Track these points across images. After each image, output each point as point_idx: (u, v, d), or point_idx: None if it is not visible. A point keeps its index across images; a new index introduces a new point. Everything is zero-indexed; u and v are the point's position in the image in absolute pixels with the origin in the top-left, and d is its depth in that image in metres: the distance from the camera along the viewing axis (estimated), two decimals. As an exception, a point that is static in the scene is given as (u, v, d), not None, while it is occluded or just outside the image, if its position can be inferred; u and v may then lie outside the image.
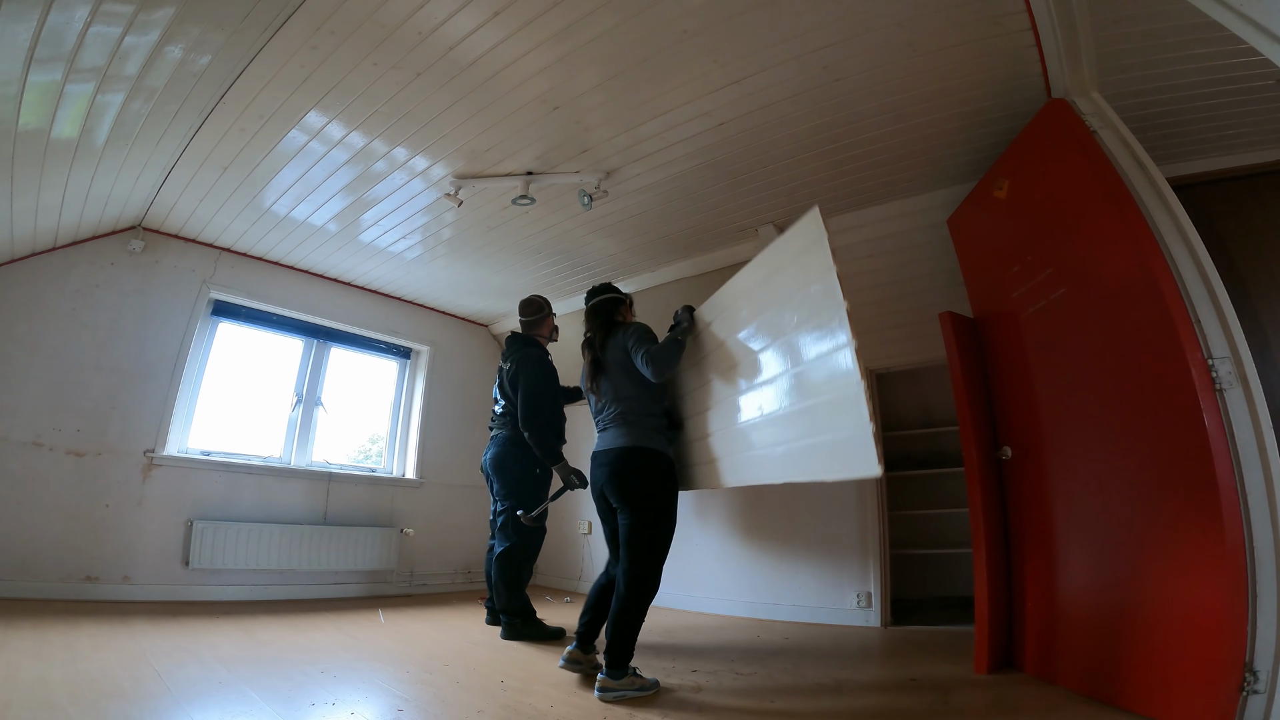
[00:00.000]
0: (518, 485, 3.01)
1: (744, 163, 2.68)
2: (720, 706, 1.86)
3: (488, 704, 1.81)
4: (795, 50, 2.04)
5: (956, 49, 2.02)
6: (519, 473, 3.02)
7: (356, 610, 3.36)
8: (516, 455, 3.01)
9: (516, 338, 3.17)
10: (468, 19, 1.94)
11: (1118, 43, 1.93)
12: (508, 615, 2.88)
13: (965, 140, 2.49)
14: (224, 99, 2.31)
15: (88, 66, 1.91)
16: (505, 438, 3.06)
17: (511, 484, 3.02)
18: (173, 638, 2.39)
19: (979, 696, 1.99)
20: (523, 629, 2.84)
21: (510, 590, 2.91)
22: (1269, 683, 1.47)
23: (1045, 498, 2.20)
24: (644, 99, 2.30)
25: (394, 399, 4.64)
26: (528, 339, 3.16)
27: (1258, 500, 1.54)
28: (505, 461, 3.04)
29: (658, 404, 2.20)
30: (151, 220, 3.35)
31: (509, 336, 3.21)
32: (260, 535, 3.48)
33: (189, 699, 1.68)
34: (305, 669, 2.09)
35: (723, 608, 3.71)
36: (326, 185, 2.95)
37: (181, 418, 3.49)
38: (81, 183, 2.67)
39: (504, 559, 2.93)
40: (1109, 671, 1.86)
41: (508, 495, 3.01)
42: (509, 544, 2.94)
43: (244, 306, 3.84)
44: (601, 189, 2.82)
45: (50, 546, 2.93)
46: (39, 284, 3.12)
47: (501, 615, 2.90)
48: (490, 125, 2.47)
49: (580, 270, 3.90)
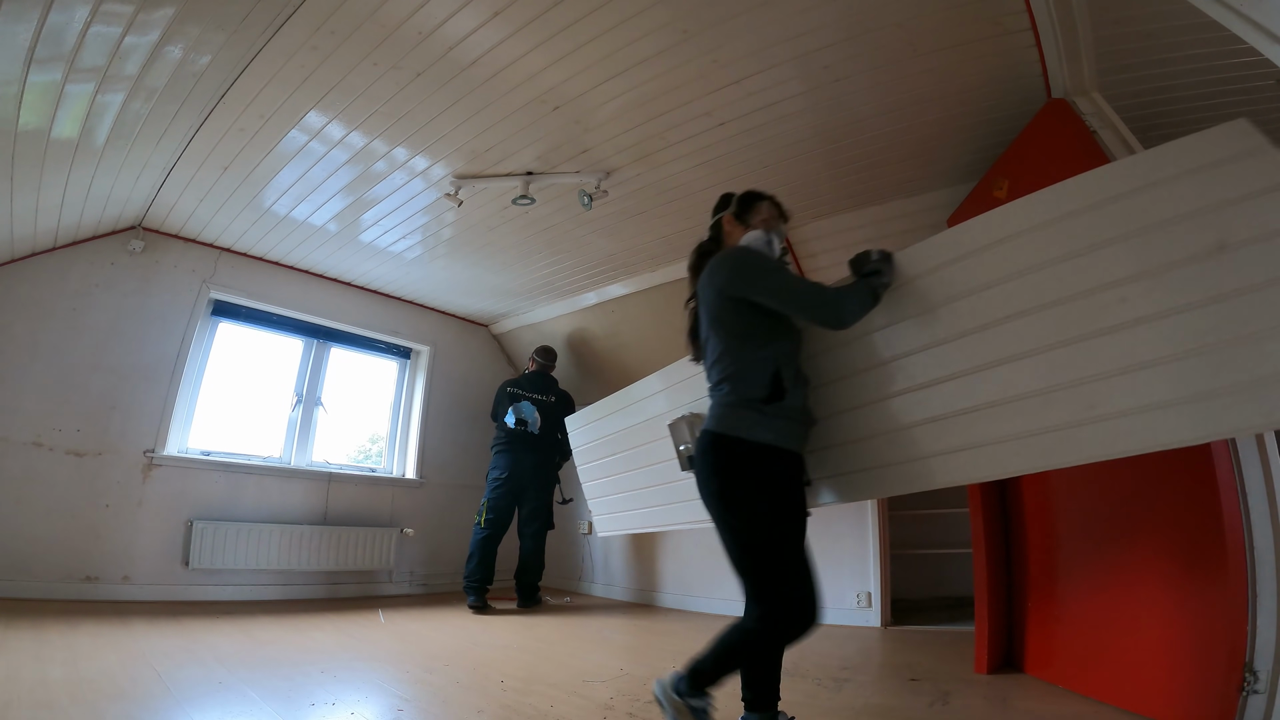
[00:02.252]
0: (551, 491, 3.99)
1: (744, 163, 2.68)
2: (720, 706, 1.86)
3: (488, 704, 1.81)
4: (796, 50, 2.04)
5: (957, 49, 2.02)
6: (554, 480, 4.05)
7: (356, 610, 3.36)
8: (552, 470, 4.00)
9: (548, 377, 4.13)
10: (468, 19, 1.94)
11: (1118, 43, 1.93)
12: (536, 587, 3.84)
13: (965, 140, 2.49)
14: (224, 99, 2.31)
15: (88, 66, 1.91)
16: (547, 457, 3.94)
17: (548, 491, 3.95)
18: (173, 638, 2.39)
19: (979, 696, 1.99)
20: (536, 595, 3.85)
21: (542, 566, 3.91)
22: (1269, 683, 1.47)
23: (1045, 497, 2.20)
24: (644, 99, 2.30)
25: (394, 399, 4.64)
26: (554, 379, 4.16)
27: (1258, 500, 1.54)
28: (548, 475, 3.97)
29: (758, 367, 1.42)
30: (151, 220, 3.35)
31: (540, 374, 4.11)
32: (260, 535, 3.48)
33: (189, 699, 1.68)
34: (305, 669, 2.09)
35: (723, 608, 3.71)
36: (326, 185, 2.95)
37: (181, 418, 3.49)
38: (81, 183, 2.67)
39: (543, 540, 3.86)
40: (1109, 671, 1.86)
41: (545, 502, 3.90)
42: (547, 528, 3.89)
43: (244, 306, 3.83)
44: (601, 189, 2.82)
45: (50, 546, 2.92)
46: (39, 284, 3.12)
47: (531, 587, 3.80)
48: (490, 125, 2.47)
49: (580, 270, 3.90)
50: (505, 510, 3.78)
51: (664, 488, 2.21)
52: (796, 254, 3.28)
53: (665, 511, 2.26)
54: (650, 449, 2.23)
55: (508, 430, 3.86)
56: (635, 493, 2.39)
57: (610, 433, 2.51)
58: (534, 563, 3.81)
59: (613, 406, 2.49)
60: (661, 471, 2.18)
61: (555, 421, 3.86)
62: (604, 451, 2.56)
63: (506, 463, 3.81)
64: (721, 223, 1.64)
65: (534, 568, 3.82)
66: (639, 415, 2.31)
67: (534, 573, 3.82)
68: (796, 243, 3.26)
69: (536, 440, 3.88)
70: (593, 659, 2.48)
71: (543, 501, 3.86)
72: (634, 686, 2.05)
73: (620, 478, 2.47)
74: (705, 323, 1.50)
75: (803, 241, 3.24)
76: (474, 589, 3.54)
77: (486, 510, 3.73)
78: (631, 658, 2.52)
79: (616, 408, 2.46)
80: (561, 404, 4.01)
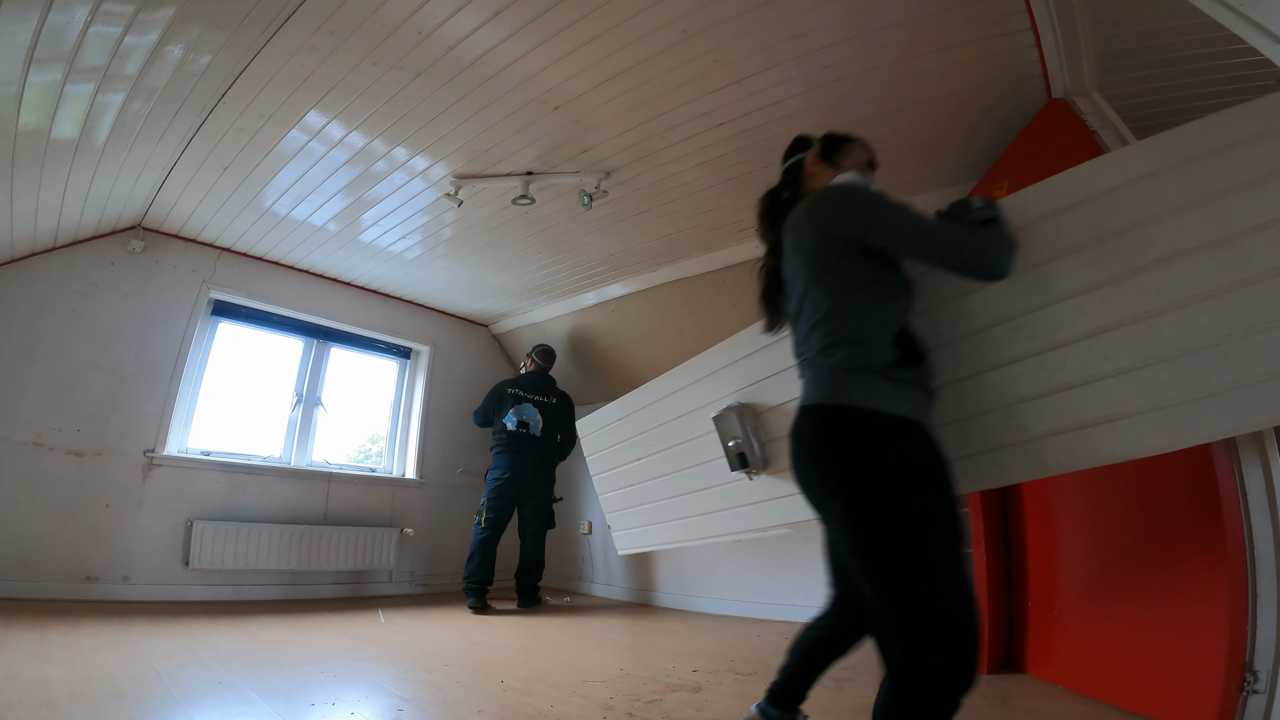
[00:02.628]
0: (551, 492, 3.99)
1: (744, 163, 2.68)
2: (720, 706, 1.86)
3: (488, 704, 1.81)
4: (796, 50, 2.04)
5: (957, 49, 2.02)
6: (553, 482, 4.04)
7: (356, 610, 3.36)
8: (553, 472, 4.01)
9: (548, 378, 4.13)
10: (468, 19, 1.94)
11: (1118, 43, 1.93)
12: (536, 587, 3.86)
13: (965, 140, 2.49)
14: (224, 99, 2.31)
15: (88, 66, 1.91)
16: (548, 459, 3.97)
17: (548, 493, 3.97)
18: (173, 638, 2.39)
19: (979, 696, 1.99)
20: (537, 595, 3.87)
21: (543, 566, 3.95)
22: (1269, 683, 1.47)
23: (1045, 496, 2.20)
24: (644, 99, 2.30)
25: (394, 399, 4.64)
26: (553, 380, 4.16)
27: (1258, 499, 1.54)
28: (549, 477, 3.98)
29: (882, 324, 1.12)
30: (151, 220, 3.35)
31: (540, 374, 4.10)
32: (260, 535, 3.48)
33: (189, 699, 1.68)
34: (305, 669, 2.09)
35: (723, 608, 3.72)
36: (326, 185, 2.95)
37: (181, 418, 3.49)
38: (81, 183, 2.67)
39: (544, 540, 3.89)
40: (1109, 671, 1.86)
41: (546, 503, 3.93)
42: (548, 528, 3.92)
43: (244, 306, 3.83)
44: (601, 189, 2.82)
45: (50, 546, 2.93)
46: (39, 284, 3.12)
47: (531, 587, 3.82)
48: (490, 125, 2.47)
49: (580, 270, 3.90)
50: (505, 511, 3.79)
51: (702, 494, 1.92)
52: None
53: (704, 522, 1.94)
54: (683, 451, 1.96)
55: (509, 431, 3.87)
56: (665, 503, 2.09)
57: (632, 435, 2.20)
58: (535, 563, 3.86)
59: (634, 405, 2.19)
60: (699, 476, 1.91)
61: (555, 423, 3.97)
62: (626, 457, 2.25)
63: (508, 463, 3.81)
64: (802, 165, 1.38)
65: (535, 568, 3.86)
66: (667, 412, 2.02)
67: (535, 573, 3.86)
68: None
69: (537, 442, 3.90)
70: (593, 659, 2.49)
71: (544, 502, 3.91)
72: (634, 686, 2.05)
73: (646, 486, 2.17)
74: (803, 276, 1.19)
75: (803, 241, 3.23)
76: (474, 589, 3.56)
77: (486, 510, 3.74)
78: (631, 658, 2.52)
79: (639, 406, 2.16)
80: (563, 405, 4.07)
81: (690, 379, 1.95)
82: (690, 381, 1.94)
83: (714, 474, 1.83)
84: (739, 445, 1.67)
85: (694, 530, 2.01)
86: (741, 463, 1.62)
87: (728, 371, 1.81)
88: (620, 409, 2.27)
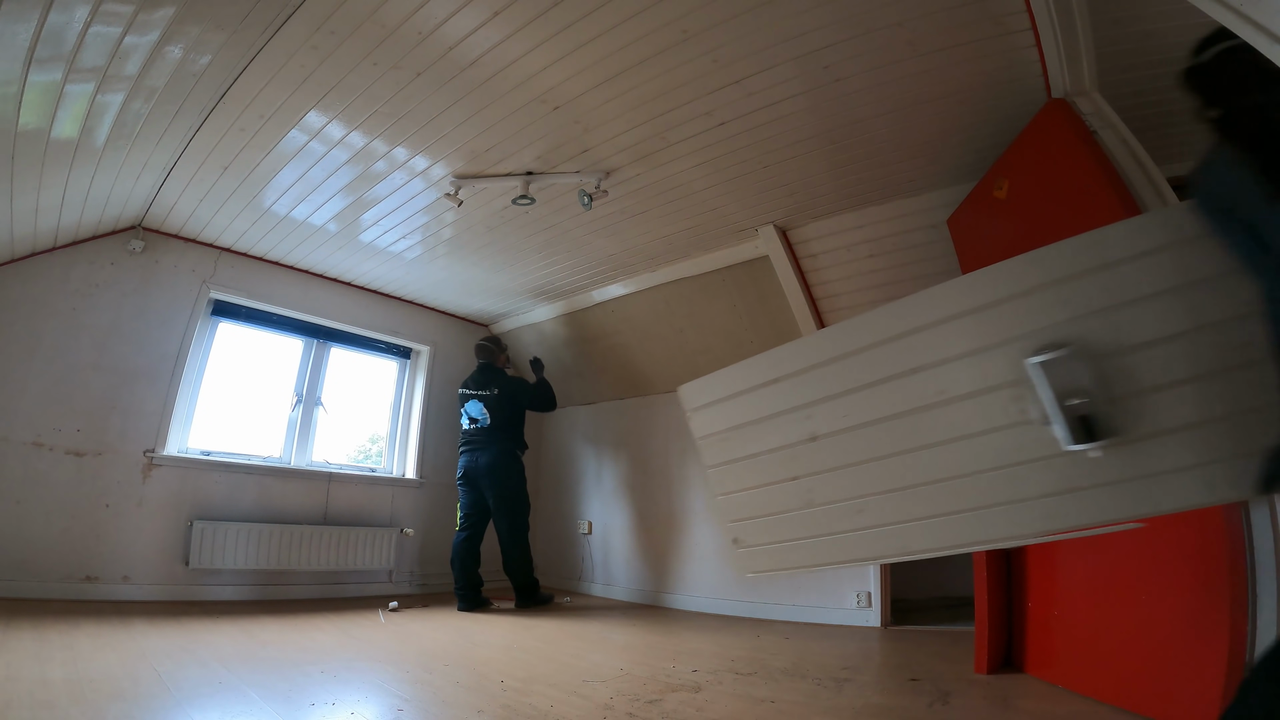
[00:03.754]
0: (517, 483, 3.85)
1: (744, 163, 2.68)
2: (720, 706, 1.86)
3: (488, 704, 1.81)
4: (796, 50, 2.04)
5: (957, 49, 2.02)
6: (518, 472, 3.87)
7: (356, 610, 3.36)
8: (511, 462, 3.84)
9: (490, 368, 4.03)
10: (468, 19, 1.94)
11: (1118, 43, 1.93)
12: (532, 588, 3.79)
13: (965, 140, 2.49)
14: (224, 99, 2.31)
15: (88, 66, 1.91)
16: (502, 449, 3.82)
17: (511, 484, 3.81)
18: (173, 638, 2.38)
19: (979, 696, 1.99)
20: (537, 595, 3.81)
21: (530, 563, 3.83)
22: (1269, 683, 1.47)
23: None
24: (644, 99, 2.30)
25: (394, 399, 4.64)
26: (498, 369, 4.09)
27: (1258, 500, 1.54)
28: (505, 466, 3.81)
29: None
30: (151, 220, 3.35)
31: (484, 367, 4.03)
32: (260, 535, 3.48)
33: (189, 699, 1.68)
34: (305, 669, 2.09)
35: (723, 608, 3.72)
36: (326, 185, 2.95)
37: (181, 418, 3.49)
38: (81, 183, 2.67)
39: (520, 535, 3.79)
40: (1109, 671, 1.86)
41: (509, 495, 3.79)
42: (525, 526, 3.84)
43: (244, 306, 3.83)
44: (601, 189, 2.82)
45: (50, 546, 2.92)
46: (39, 284, 3.12)
47: (524, 586, 3.75)
48: (490, 125, 2.47)
49: (580, 270, 3.90)
50: (475, 508, 3.81)
51: (956, 484, 1.22)
52: (797, 254, 3.28)
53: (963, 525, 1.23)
54: (910, 425, 1.26)
55: (463, 430, 3.93)
56: (872, 501, 1.32)
57: (790, 407, 1.39)
58: (511, 555, 3.75)
59: (793, 364, 1.39)
60: (953, 457, 1.22)
61: (507, 411, 3.89)
62: (773, 440, 1.42)
63: (464, 463, 3.85)
64: None
65: (514, 564, 3.75)
66: (869, 371, 1.32)
67: (517, 570, 3.75)
68: (796, 243, 3.26)
69: (491, 434, 3.85)
70: (592, 659, 2.48)
71: (507, 494, 3.79)
72: (634, 686, 2.05)
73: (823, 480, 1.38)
74: None
75: (803, 241, 3.24)
76: (458, 593, 3.62)
77: (459, 512, 3.85)
78: (631, 658, 2.52)
79: (803, 365, 1.38)
80: (505, 390, 3.94)
81: (928, 316, 1.30)
82: (928, 321, 1.30)
83: (990, 452, 1.19)
84: (1085, 405, 1.08)
85: (938, 538, 1.28)
86: (1086, 432, 1.08)
87: (1016, 304, 1.17)
88: (761, 370, 1.44)
